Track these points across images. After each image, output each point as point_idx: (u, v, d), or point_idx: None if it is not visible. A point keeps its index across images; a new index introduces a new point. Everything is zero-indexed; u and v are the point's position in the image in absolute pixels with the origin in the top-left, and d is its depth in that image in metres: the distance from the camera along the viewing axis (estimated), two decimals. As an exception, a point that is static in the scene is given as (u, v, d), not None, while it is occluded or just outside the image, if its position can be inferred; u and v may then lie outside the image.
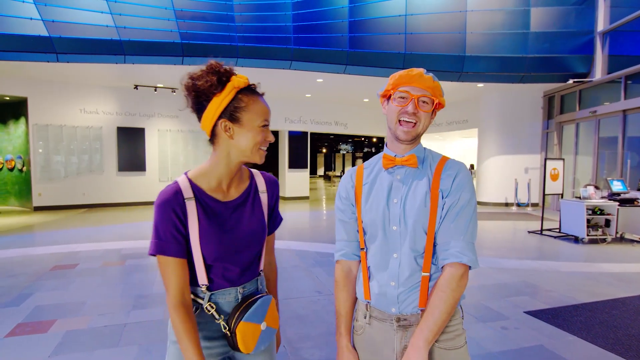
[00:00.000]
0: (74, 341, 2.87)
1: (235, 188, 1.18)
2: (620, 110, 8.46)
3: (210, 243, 1.08)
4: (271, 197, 1.26)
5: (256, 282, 1.22)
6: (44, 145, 10.11)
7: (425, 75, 1.12)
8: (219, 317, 1.10)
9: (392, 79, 1.15)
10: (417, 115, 1.11)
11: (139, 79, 9.91)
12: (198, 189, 1.10)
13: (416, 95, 1.10)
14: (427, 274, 1.10)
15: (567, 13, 9.01)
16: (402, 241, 1.11)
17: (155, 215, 1.04)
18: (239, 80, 1.05)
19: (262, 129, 1.08)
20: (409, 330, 1.11)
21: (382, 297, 1.13)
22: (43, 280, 4.32)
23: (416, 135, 1.14)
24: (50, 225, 7.97)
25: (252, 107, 1.07)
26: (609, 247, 6.14)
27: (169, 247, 1.04)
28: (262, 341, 1.14)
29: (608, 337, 2.97)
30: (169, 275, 1.04)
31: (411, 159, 1.14)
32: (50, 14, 6.86)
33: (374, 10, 8.62)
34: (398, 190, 1.14)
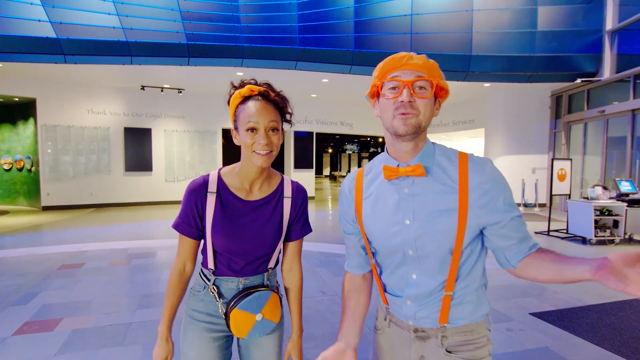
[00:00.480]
0: (80, 340, 2.90)
1: (260, 190, 1.26)
2: (629, 109, 8.36)
3: (221, 235, 1.20)
4: (295, 203, 1.30)
5: (262, 277, 1.29)
6: (53, 146, 10.22)
7: (415, 56, 0.93)
8: (219, 300, 1.24)
9: (377, 70, 0.97)
10: (415, 105, 0.92)
11: (145, 79, 9.99)
12: (223, 184, 1.23)
13: (409, 81, 0.91)
14: (450, 293, 0.99)
15: (575, 12, 8.91)
16: (420, 264, 0.99)
17: (183, 199, 1.23)
18: (238, 93, 1.16)
19: (249, 134, 1.13)
20: (427, 342, 1.03)
21: (398, 309, 1.07)
22: (50, 279, 4.37)
23: (418, 127, 0.93)
24: (58, 225, 8.06)
25: (242, 114, 1.14)
26: (616, 249, 6.07)
27: (184, 227, 1.23)
28: (257, 331, 1.23)
29: (615, 339, 2.94)
30: (179, 247, 1.27)
31: (417, 169, 0.95)
32: (58, 16, 6.94)
33: (379, 10, 8.60)
34: (408, 207, 0.97)
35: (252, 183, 1.23)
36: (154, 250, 5.83)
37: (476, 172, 0.94)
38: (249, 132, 1.13)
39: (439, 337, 1.02)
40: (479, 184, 0.93)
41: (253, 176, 1.22)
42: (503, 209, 0.94)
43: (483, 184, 0.93)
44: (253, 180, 1.23)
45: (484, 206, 0.93)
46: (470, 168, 0.95)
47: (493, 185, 0.93)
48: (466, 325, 1.01)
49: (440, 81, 0.94)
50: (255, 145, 1.13)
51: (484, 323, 1.05)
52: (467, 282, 1.00)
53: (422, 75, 0.92)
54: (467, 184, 0.93)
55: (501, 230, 0.95)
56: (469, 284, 1.00)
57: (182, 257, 1.26)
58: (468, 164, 0.95)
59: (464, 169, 0.95)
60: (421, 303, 1.01)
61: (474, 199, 0.93)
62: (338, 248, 6.01)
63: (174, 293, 1.27)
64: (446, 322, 1.00)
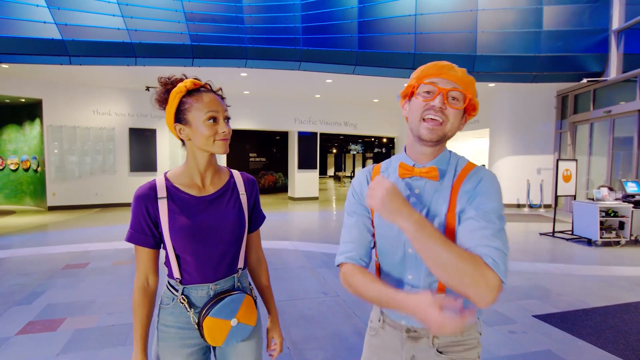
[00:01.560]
0: (83, 340, 2.92)
1: (212, 184, 1.24)
2: (635, 110, 8.28)
3: (182, 238, 1.15)
4: (250, 196, 1.31)
5: (232, 279, 1.25)
6: (58, 146, 10.31)
7: (457, 68, 0.96)
8: (190, 310, 1.17)
9: (416, 73, 0.99)
10: (445, 112, 0.94)
11: (150, 80, 10.04)
12: (173, 186, 1.19)
13: (445, 89, 0.93)
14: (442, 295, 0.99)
15: (581, 11, 8.84)
16: (417, 264, 1.00)
17: (131, 208, 1.18)
18: (180, 86, 1.15)
19: (209, 123, 1.13)
20: (418, 342, 1.06)
21: (393, 312, 1.09)
22: (55, 278, 4.40)
23: (443, 136, 0.95)
24: (64, 225, 8.12)
25: (195, 106, 1.13)
26: (623, 250, 6.01)
27: (138, 237, 1.16)
28: (234, 337, 1.19)
29: (619, 342, 2.91)
30: (137, 261, 1.19)
31: (431, 171, 0.97)
32: (63, 18, 7.00)
33: (383, 10, 8.58)
34: (416, 206, 0.99)
35: (202, 177, 1.21)
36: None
37: (469, 180, 0.97)
38: (210, 121, 1.13)
39: (430, 337, 1.04)
40: (465, 188, 0.96)
41: (204, 170, 1.20)
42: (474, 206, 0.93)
43: (469, 188, 0.96)
44: (203, 174, 1.21)
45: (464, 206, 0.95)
46: (468, 176, 0.98)
47: (478, 187, 0.95)
48: None
49: (473, 97, 0.97)
50: (218, 134, 1.14)
51: (475, 326, 1.07)
52: None
53: (458, 87, 0.94)
54: (458, 189, 0.97)
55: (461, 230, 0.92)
56: None
57: (142, 270, 1.18)
58: (468, 172, 0.99)
59: (462, 175, 0.99)
60: None
61: (460, 201, 0.96)
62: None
63: (142, 311, 1.18)
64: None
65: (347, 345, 2.87)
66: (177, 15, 7.76)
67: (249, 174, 1.35)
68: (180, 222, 1.15)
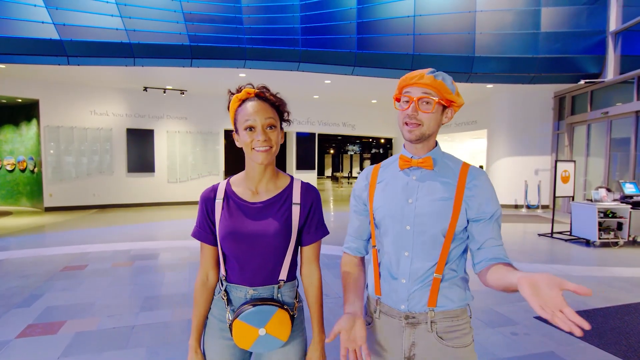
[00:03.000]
0: (83, 343, 2.89)
1: (266, 191, 1.27)
2: (632, 111, 8.32)
3: (228, 238, 1.21)
4: (305, 207, 1.26)
5: (272, 289, 1.24)
6: (55, 147, 10.25)
7: (426, 75, 1.10)
8: (227, 307, 1.25)
9: (398, 84, 1.17)
10: (419, 117, 1.10)
11: (148, 81, 10.01)
12: (231, 190, 1.27)
13: (416, 97, 1.10)
14: (439, 275, 1.11)
15: (579, 13, 8.88)
16: (414, 240, 1.12)
17: (198, 207, 1.30)
18: (235, 97, 1.21)
19: (247, 132, 1.17)
20: (417, 328, 1.13)
21: (392, 294, 1.16)
22: (54, 280, 4.37)
23: (421, 135, 1.12)
24: (61, 226, 8.07)
25: (239, 116, 1.20)
26: (621, 251, 6.04)
27: (200, 234, 1.27)
28: (262, 346, 1.19)
29: (620, 343, 2.92)
30: (201, 256, 1.31)
31: (427, 161, 1.14)
32: (61, 18, 6.96)
33: (382, 11, 8.59)
34: (413, 190, 1.15)
35: (257, 184, 1.25)
36: (156, 251, 5.83)
37: (472, 175, 1.13)
38: (248, 130, 1.18)
39: (428, 322, 1.12)
40: (473, 183, 1.12)
41: (257, 176, 1.24)
42: (485, 210, 1.10)
43: (476, 184, 1.12)
44: (258, 180, 1.25)
45: (472, 201, 1.10)
46: (469, 172, 1.14)
47: (483, 189, 1.12)
48: (452, 310, 1.12)
49: (446, 96, 1.11)
50: (254, 143, 1.17)
51: (466, 310, 1.17)
52: (454, 267, 1.13)
53: (428, 92, 1.10)
54: (465, 181, 1.12)
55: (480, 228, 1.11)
56: (456, 270, 1.14)
57: (204, 265, 1.29)
58: (468, 169, 1.15)
59: (464, 170, 1.14)
60: (414, 283, 1.13)
61: (467, 194, 1.11)
62: (340, 250, 5.99)
63: (200, 304, 1.29)
64: (434, 305, 1.11)
65: (350, 347, 2.86)
66: (175, 15, 7.73)
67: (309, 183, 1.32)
68: (227, 224, 1.22)
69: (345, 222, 8.90)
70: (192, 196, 11.86)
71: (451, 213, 1.09)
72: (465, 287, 1.16)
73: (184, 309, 3.59)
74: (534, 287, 0.77)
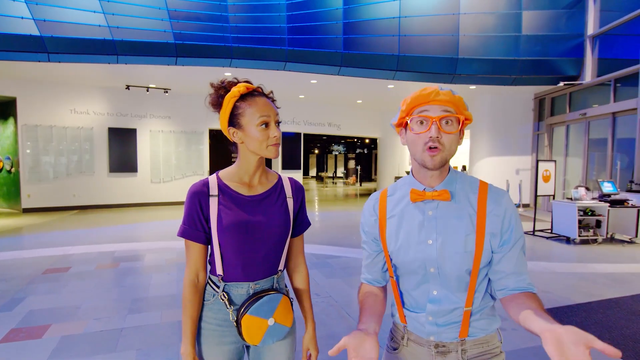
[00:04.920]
0: (70, 347, 2.82)
1: (261, 184, 1.27)
2: (609, 112, 8.60)
3: (228, 234, 1.18)
4: (296, 201, 1.33)
5: (272, 280, 1.27)
6: (33, 146, 9.95)
7: (441, 91, 0.99)
8: (229, 307, 1.20)
9: (405, 104, 1.03)
10: (442, 140, 0.98)
11: (130, 79, 9.81)
12: (224, 184, 1.23)
13: (437, 117, 0.97)
14: (469, 308, 1.04)
15: (558, 17, 9.13)
16: (441, 281, 1.05)
17: (185, 204, 1.21)
18: (234, 90, 1.17)
19: (261, 128, 1.16)
20: (447, 357, 1.08)
21: (419, 326, 1.10)
22: (36, 283, 4.25)
23: (444, 161, 1.01)
24: (41, 228, 7.84)
25: (249, 111, 1.16)
26: (600, 248, 6.24)
27: (191, 232, 1.19)
28: (270, 336, 1.21)
29: (604, 337, 3.01)
30: (188, 256, 1.22)
31: (443, 194, 1.02)
32: (41, 13, 6.76)
33: (368, 12, 8.65)
34: (431, 229, 1.04)
35: (251, 178, 1.25)
36: (142, 252, 5.73)
37: (493, 201, 1.02)
38: (262, 126, 1.16)
39: (459, 350, 1.07)
40: (494, 211, 1.01)
41: (253, 171, 1.24)
42: (509, 239, 1.01)
43: (497, 212, 1.01)
44: (252, 175, 1.24)
45: (496, 231, 1.01)
46: (489, 197, 1.03)
47: (505, 215, 1.01)
48: (482, 337, 1.08)
49: (465, 114, 1.01)
50: (270, 139, 1.17)
51: (496, 335, 1.12)
52: (484, 298, 1.07)
53: (449, 110, 0.99)
54: (485, 211, 1.01)
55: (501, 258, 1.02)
56: (486, 300, 1.08)
57: (192, 266, 1.22)
58: (487, 193, 1.04)
59: (483, 196, 1.03)
60: (443, 318, 1.06)
61: (490, 224, 1.01)
62: (330, 249, 6.01)
63: (192, 306, 1.21)
64: (466, 336, 1.06)
65: (343, 346, 2.87)
66: (160, 12, 7.61)
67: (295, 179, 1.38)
68: (228, 219, 1.18)
69: (331, 222, 8.92)
70: (176, 196, 11.69)
71: (474, 249, 1.01)
72: (494, 313, 1.11)
73: (173, 310, 3.53)
74: (559, 344, 0.72)
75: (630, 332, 3.09)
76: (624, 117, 8.39)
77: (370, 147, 30.28)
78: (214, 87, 1.21)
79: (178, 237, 1.23)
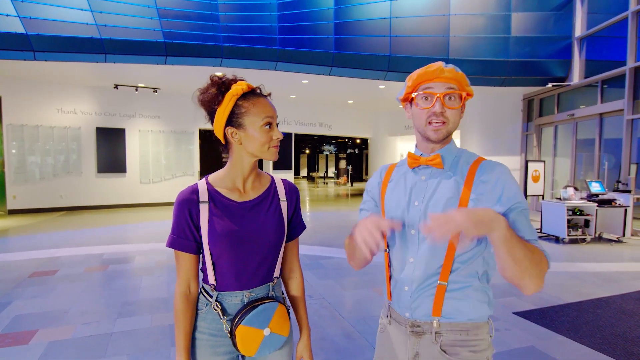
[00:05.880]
0: (58, 352, 2.76)
1: (253, 189, 1.21)
2: (597, 113, 8.72)
3: (220, 242, 1.12)
4: (291, 204, 1.28)
5: (267, 287, 1.22)
6: (19, 146, 9.75)
7: (445, 68, 1.03)
8: (222, 317, 1.15)
9: (410, 80, 1.08)
10: (445, 114, 1.03)
11: (119, 78, 9.67)
12: (214, 190, 1.17)
13: (441, 93, 1.02)
14: (444, 283, 1.02)
15: (546, 18, 9.24)
16: (419, 246, 1.05)
17: (173, 212, 1.16)
18: (237, 88, 1.11)
19: (265, 129, 1.12)
20: (422, 338, 1.06)
21: (399, 300, 1.11)
22: (22, 287, 4.15)
23: (447, 134, 1.06)
24: (27, 229, 7.68)
25: (253, 110, 1.11)
26: (588, 247, 6.32)
27: (180, 242, 1.14)
28: (266, 347, 1.16)
29: (595, 336, 3.04)
30: (178, 267, 1.17)
31: (435, 158, 1.06)
32: (27, 11, 6.61)
33: (359, 13, 8.65)
34: (420, 191, 1.08)
35: (244, 182, 1.19)
36: (131, 255, 5.64)
37: (483, 170, 1.03)
38: (266, 127, 1.12)
39: (433, 332, 1.05)
40: (481, 178, 1.02)
41: (246, 174, 1.18)
42: (503, 202, 0.97)
43: (485, 179, 1.01)
44: (246, 178, 1.19)
45: (483, 199, 0.99)
46: (480, 167, 1.04)
47: (497, 181, 1.00)
48: (462, 323, 1.03)
49: (467, 89, 1.05)
50: (273, 141, 1.14)
51: (485, 326, 1.07)
52: (464, 275, 1.03)
53: (452, 87, 1.03)
54: (473, 177, 1.03)
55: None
56: (467, 278, 1.03)
57: (184, 276, 1.16)
58: (479, 164, 1.05)
59: (474, 167, 1.05)
60: (417, 291, 1.06)
61: (476, 191, 1.01)
62: (322, 250, 5.99)
63: (184, 319, 1.15)
64: (439, 315, 1.04)
65: (337, 347, 2.86)
66: (149, 11, 7.51)
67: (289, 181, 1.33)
68: (221, 227, 1.13)
69: (323, 222, 8.90)
70: (166, 197, 11.56)
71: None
72: (482, 301, 1.05)
73: (163, 314, 3.48)
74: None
75: (620, 331, 3.13)
76: (611, 118, 8.52)
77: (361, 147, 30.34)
78: (215, 81, 1.13)
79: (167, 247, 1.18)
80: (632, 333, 3.10)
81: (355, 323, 3.30)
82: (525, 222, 0.98)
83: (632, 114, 7.64)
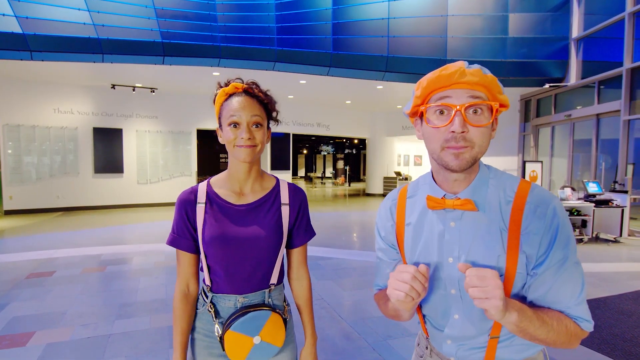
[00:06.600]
0: (56, 354, 2.74)
1: (252, 192, 1.19)
2: (593, 114, 8.77)
3: (212, 245, 1.12)
4: (294, 209, 1.22)
5: (263, 294, 1.18)
6: (15, 146, 9.70)
7: (468, 70, 0.76)
8: (215, 320, 1.14)
9: (420, 87, 0.80)
10: (468, 135, 0.76)
11: (116, 78, 9.64)
12: (213, 192, 1.18)
13: (462, 105, 0.75)
14: (496, 336, 0.86)
15: (544, 19, 9.27)
16: (464, 304, 0.86)
17: (174, 211, 1.18)
18: (222, 91, 1.14)
19: (231, 128, 1.11)
20: None
21: (439, 346, 0.97)
22: (19, 289, 4.12)
23: (473, 160, 0.79)
24: (24, 230, 7.64)
25: (224, 111, 1.12)
26: (586, 247, 6.34)
27: (180, 241, 1.16)
28: (256, 356, 1.12)
29: (594, 337, 3.05)
30: (178, 265, 1.18)
31: (466, 204, 0.81)
32: (24, 11, 6.58)
33: (357, 13, 8.66)
34: (453, 243, 0.84)
35: (242, 185, 1.17)
36: (129, 255, 5.62)
37: (532, 213, 0.78)
38: (232, 127, 1.11)
39: None
40: (532, 225, 0.78)
41: (242, 177, 1.17)
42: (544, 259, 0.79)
43: (536, 225, 0.78)
44: (242, 181, 1.17)
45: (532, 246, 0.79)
46: (527, 208, 0.79)
47: (547, 228, 0.78)
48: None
49: (499, 99, 0.80)
50: (238, 140, 1.10)
51: (539, 356, 0.91)
52: None
53: (479, 95, 0.77)
54: (520, 223, 0.78)
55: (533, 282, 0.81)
56: None
57: (183, 275, 1.17)
58: (526, 202, 0.80)
59: (519, 202, 0.80)
60: (465, 346, 0.90)
61: (525, 240, 0.79)
62: (320, 251, 5.99)
63: (182, 318, 1.16)
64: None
65: (337, 349, 2.85)
66: (147, 11, 7.49)
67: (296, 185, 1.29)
68: (213, 230, 1.13)
69: (321, 223, 8.90)
70: (163, 198, 11.53)
71: (505, 271, 0.79)
72: None
73: (162, 315, 3.47)
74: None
75: (619, 331, 3.14)
76: (608, 118, 8.56)
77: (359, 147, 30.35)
78: (219, 86, 1.18)
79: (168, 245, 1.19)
80: (630, 333, 3.11)
81: (355, 324, 3.30)
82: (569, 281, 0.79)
83: (629, 114, 7.68)
